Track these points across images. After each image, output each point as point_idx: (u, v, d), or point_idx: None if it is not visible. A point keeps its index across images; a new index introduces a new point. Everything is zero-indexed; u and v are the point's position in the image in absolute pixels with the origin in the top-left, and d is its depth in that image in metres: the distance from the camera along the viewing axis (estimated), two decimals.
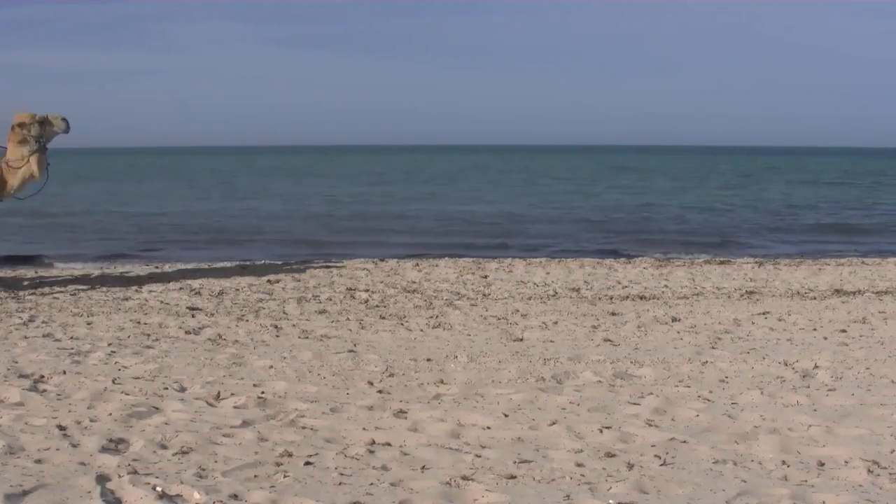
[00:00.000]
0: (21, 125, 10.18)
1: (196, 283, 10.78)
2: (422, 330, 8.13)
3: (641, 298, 10.01)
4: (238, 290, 10.39)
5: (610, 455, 4.61)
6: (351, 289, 10.48)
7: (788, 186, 42.98)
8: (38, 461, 4.44)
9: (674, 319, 8.65)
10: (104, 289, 10.31)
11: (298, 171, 64.58)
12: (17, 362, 6.60)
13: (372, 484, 4.20)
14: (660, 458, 4.58)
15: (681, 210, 28.42)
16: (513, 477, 4.30)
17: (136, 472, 4.27)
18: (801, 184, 45.91)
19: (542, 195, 36.03)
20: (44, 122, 10.19)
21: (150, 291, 10.17)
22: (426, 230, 22.27)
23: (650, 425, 5.13)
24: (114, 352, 7.01)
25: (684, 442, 4.83)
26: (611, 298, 9.99)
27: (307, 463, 4.47)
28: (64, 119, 10.27)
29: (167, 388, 5.90)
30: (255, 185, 44.82)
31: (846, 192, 37.97)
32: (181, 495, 4.02)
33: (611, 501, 4.00)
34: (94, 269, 11.87)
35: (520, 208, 29.09)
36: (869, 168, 70.03)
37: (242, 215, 26.30)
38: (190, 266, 12.71)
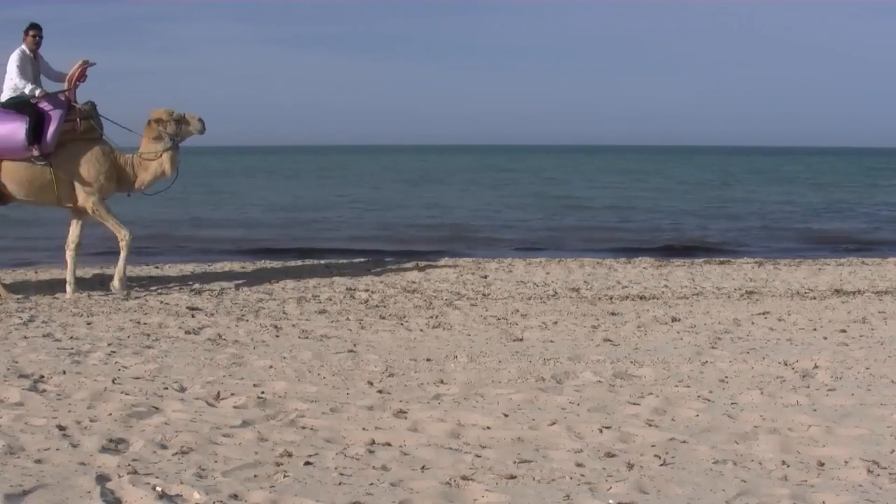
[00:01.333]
0: (158, 121, 10.14)
1: (196, 283, 10.78)
2: (422, 330, 8.13)
3: (641, 298, 10.01)
4: (238, 290, 10.39)
5: (610, 455, 4.62)
6: (351, 289, 10.48)
7: (787, 187, 42.97)
8: (38, 461, 4.44)
9: (674, 319, 8.65)
10: (104, 289, 10.30)
11: (296, 171, 64.53)
12: (17, 362, 6.60)
13: (372, 484, 4.20)
14: (660, 458, 4.58)
15: (679, 210, 28.41)
16: (513, 477, 4.30)
17: (136, 472, 4.27)
18: (800, 184, 45.91)
19: (541, 195, 36.01)
20: (180, 121, 10.15)
21: (150, 291, 10.17)
22: (417, 231, 22.22)
23: (650, 425, 5.14)
24: (114, 352, 7.01)
25: (684, 442, 4.84)
26: (611, 298, 9.99)
27: (307, 463, 4.47)
28: (200, 120, 10.23)
29: (167, 388, 5.90)
30: (253, 186, 44.78)
31: (844, 194, 37.94)
32: (181, 495, 4.02)
33: (611, 501, 4.00)
34: (93, 269, 11.85)
35: (516, 208, 29.07)
36: (866, 168, 70.00)
37: (241, 216, 26.29)
38: (190, 266, 12.70)
